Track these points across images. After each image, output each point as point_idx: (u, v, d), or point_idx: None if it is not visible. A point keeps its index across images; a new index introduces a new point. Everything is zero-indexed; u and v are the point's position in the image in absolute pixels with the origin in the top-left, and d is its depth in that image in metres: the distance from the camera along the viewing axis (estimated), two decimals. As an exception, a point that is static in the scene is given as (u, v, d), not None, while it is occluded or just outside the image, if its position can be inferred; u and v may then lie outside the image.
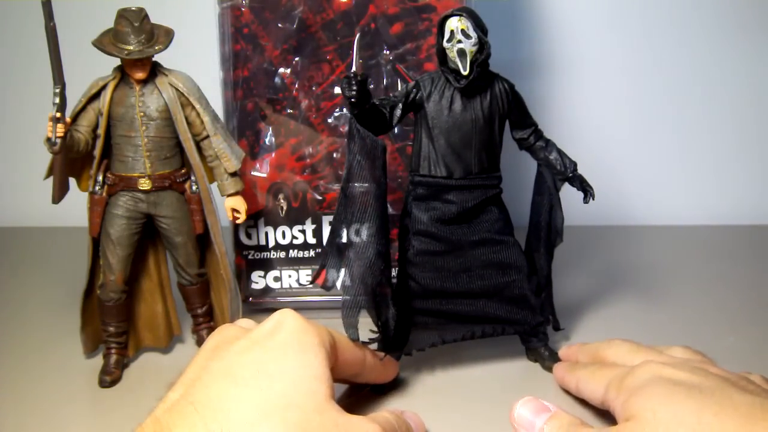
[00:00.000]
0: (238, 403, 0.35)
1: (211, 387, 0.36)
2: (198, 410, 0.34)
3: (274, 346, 0.39)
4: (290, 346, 0.40)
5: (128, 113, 0.65)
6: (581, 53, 1.09)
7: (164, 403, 0.37)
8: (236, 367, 0.37)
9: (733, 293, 0.87)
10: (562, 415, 0.47)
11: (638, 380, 0.44)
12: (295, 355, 0.39)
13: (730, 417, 0.38)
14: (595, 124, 1.11)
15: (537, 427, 0.47)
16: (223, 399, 0.35)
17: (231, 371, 0.37)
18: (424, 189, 0.65)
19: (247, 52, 0.76)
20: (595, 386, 0.50)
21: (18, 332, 0.78)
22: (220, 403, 0.35)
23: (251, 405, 0.35)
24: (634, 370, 0.46)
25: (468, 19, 0.61)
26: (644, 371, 0.45)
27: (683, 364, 0.45)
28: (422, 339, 0.66)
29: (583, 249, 0.99)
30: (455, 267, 0.65)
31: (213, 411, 0.34)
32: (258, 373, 0.37)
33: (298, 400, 0.36)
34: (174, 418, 0.35)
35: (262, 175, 0.79)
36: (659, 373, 0.43)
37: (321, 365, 0.40)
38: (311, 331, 0.42)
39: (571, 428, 0.45)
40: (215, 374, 0.37)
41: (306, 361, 0.39)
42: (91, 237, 0.68)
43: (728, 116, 1.12)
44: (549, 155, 0.68)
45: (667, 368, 0.44)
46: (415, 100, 0.64)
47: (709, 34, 1.09)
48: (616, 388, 0.45)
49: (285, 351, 0.39)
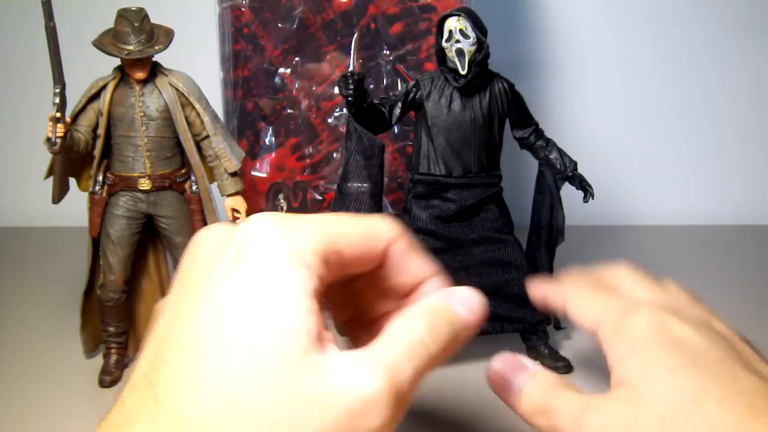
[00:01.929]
0: (195, 393, 0.28)
1: (172, 361, 0.29)
2: (158, 400, 0.28)
3: (229, 294, 0.29)
4: (249, 288, 0.29)
5: (128, 113, 0.65)
6: (581, 53, 1.09)
7: (134, 374, 0.30)
8: (193, 332, 0.29)
9: (733, 293, 0.87)
10: (543, 374, 0.39)
11: (639, 330, 0.37)
12: (255, 303, 0.29)
13: (732, 407, 0.33)
14: (595, 123, 1.11)
15: (515, 386, 0.39)
16: (182, 384, 0.29)
17: (189, 339, 0.29)
18: (424, 187, 0.65)
19: (247, 52, 0.76)
20: (587, 313, 0.41)
21: (18, 332, 0.78)
22: (178, 391, 0.28)
23: (208, 396, 0.28)
24: (635, 313, 0.38)
25: (466, 19, 0.61)
26: (646, 319, 0.38)
27: (688, 314, 0.39)
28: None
29: (583, 249, 0.99)
30: (454, 265, 0.66)
31: (172, 405, 0.28)
32: (213, 343, 0.29)
33: (261, 380, 0.28)
34: (139, 407, 0.29)
35: (262, 175, 0.79)
36: (662, 326, 0.37)
37: (294, 302, 0.29)
38: (281, 246, 0.29)
39: (552, 390, 0.38)
40: (176, 341, 0.29)
41: (269, 309, 0.28)
42: (91, 237, 0.68)
43: (729, 116, 1.12)
44: (549, 154, 0.68)
45: (671, 319, 0.38)
46: (415, 99, 0.64)
47: (709, 33, 1.09)
48: (612, 328, 0.39)
49: (242, 299, 0.29)
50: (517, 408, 0.39)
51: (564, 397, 0.37)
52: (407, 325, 0.30)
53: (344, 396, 0.27)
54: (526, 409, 0.38)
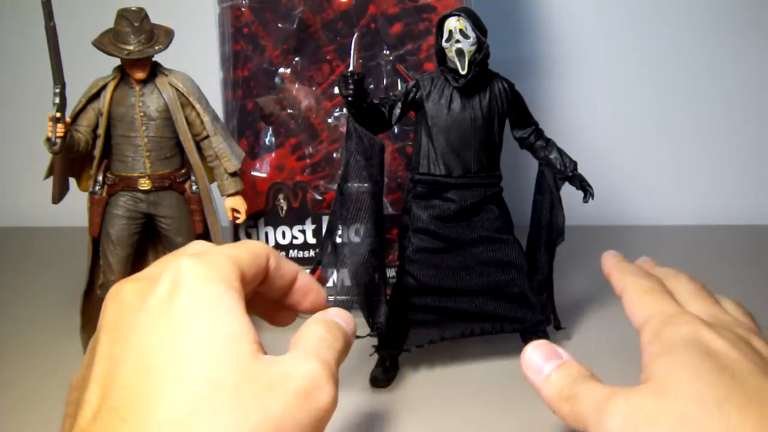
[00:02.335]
0: (162, 402, 0.31)
1: (129, 386, 0.32)
2: (125, 419, 0.30)
3: (177, 317, 0.33)
4: (195, 310, 0.33)
5: (128, 113, 0.65)
6: (581, 53, 1.09)
7: (85, 407, 0.32)
8: (146, 354, 0.32)
9: (733, 293, 0.86)
10: (573, 364, 0.43)
11: (675, 336, 0.40)
12: (203, 320, 0.33)
13: (751, 414, 0.35)
14: (595, 123, 1.11)
15: (545, 372, 0.43)
16: (145, 400, 0.31)
17: (143, 362, 0.32)
18: (424, 187, 0.65)
19: (247, 52, 0.76)
20: (638, 311, 0.45)
21: (18, 332, 0.78)
22: (143, 406, 0.31)
23: (177, 401, 0.31)
24: (677, 321, 0.41)
25: (466, 19, 0.61)
26: (685, 327, 0.40)
27: (728, 330, 0.42)
28: (421, 336, 0.66)
29: (583, 249, 0.99)
30: (454, 264, 0.66)
31: (139, 418, 0.30)
32: (171, 358, 0.32)
33: (224, 378, 0.32)
34: (105, 430, 0.30)
35: (262, 175, 0.79)
36: (699, 336, 0.40)
37: (235, 317, 0.34)
38: (212, 276, 0.35)
39: (580, 379, 0.41)
40: (129, 368, 0.32)
41: (217, 323, 0.33)
42: (91, 237, 0.68)
43: (729, 116, 1.12)
44: (549, 154, 0.68)
45: (710, 332, 0.40)
46: (415, 99, 0.64)
47: (707, 35, 1.09)
48: (652, 332, 0.42)
49: (191, 319, 0.33)
50: (543, 392, 0.42)
51: (590, 387, 0.39)
52: (310, 330, 0.37)
53: (296, 378, 0.33)
54: (552, 394, 0.41)
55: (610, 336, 0.74)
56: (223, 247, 0.38)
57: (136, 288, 0.36)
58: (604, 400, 0.37)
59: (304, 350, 0.35)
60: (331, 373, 0.34)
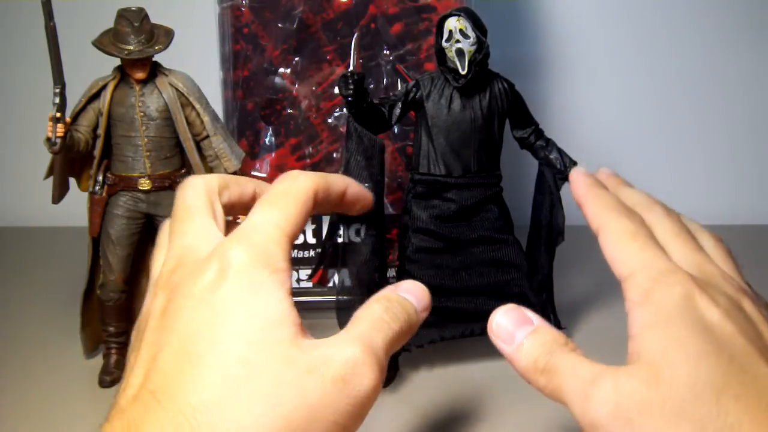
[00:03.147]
0: (198, 387, 0.31)
1: (168, 370, 0.32)
2: (161, 401, 0.30)
3: (219, 303, 0.33)
4: (236, 297, 0.33)
5: (128, 113, 0.65)
6: (581, 53, 1.09)
7: (126, 389, 0.33)
8: (188, 339, 0.32)
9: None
10: (546, 329, 0.40)
11: (668, 300, 0.37)
12: (244, 306, 0.33)
13: (749, 407, 0.33)
14: (595, 123, 1.11)
15: (516, 339, 0.40)
16: (182, 384, 0.31)
17: (183, 347, 0.32)
18: (424, 187, 0.65)
19: (247, 52, 0.76)
20: (621, 258, 0.40)
21: (18, 332, 0.78)
22: (179, 390, 0.31)
23: (212, 385, 0.31)
24: (668, 280, 0.37)
25: (466, 19, 0.61)
26: (678, 288, 0.37)
27: (720, 292, 0.38)
28: (421, 336, 0.66)
29: (583, 249, 0.99)
30: (454, 264, 0.66)
31: (175, 401, 0.30)
32: (211, 344, 0.32)
33: (260, 362, 0.31)
34: (140, 413, 0.30)
35: (262, 175, 0.79)
36: (693, 303, 0.36)
37: (275, 301, 0.33)
38: (256, 262, 0.34)
39: (554, 346, 0.38)
40: (170, 353, 0.32)
41: (257, 308, 0.33)
42: (91, 237, 0.68)
43: (729, 116, 1.12)
44: (549, 154, 0.68)
45: (703, 298, 0.37)
46: (415, 99, 0.64)
47: (707, 34, 1.09)
48: (641, 291, 0.38)
49: (232, 305, 0.33)
50: (516, 363, 0.39)
51: (568, 360, 0.37)
52: (367, 310, 0.36)
53: (335, 364, 0.32)
54: (526, 366, 0.38)
55: (610, 336, 0.74)
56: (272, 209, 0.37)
57: (185, 274, 0.36)
58: (589, 382, 0.34)
59: (350, 333, 0.34)
60: (376, 359, 0.33)
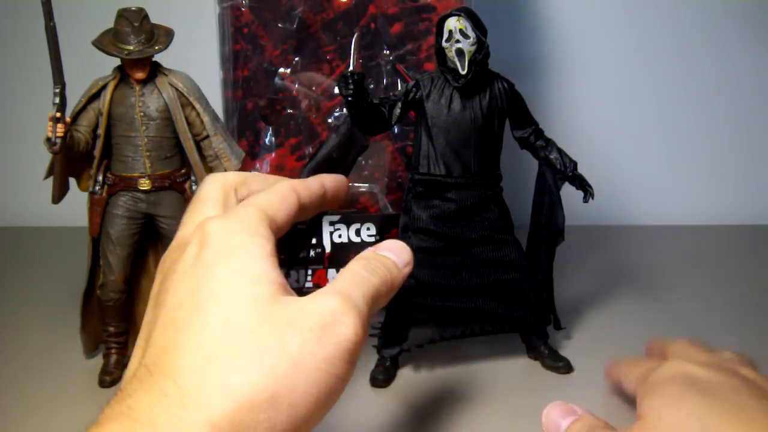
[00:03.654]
0: (182, 352, 0.32)
1: (158, 342, 0.33)
2: (152, 372, 0.32)
3: (200, 270, 0.35)
4: (216, 261, 0.35)
5: (128, 113, 0.65)
6: (581, 53, 1.09)
7: (127, 372, 0.35)
8: (172, 311, 0.34)
9: (733, 293, 0.87)
10: (587, 417, 0.45)
11: (660, 377, 0.43)
12: (223, 268, 0.34)
13: (731, 422, 0.37)
14: (595, 123, 1.11)
15: (562, 428, 0.45)
16: (169, 352, 0.32)
17: (169, 318, 0.34)
18: (424, 187, 0.65)
19: (247, 52, 0.76)
20: (630, 378, 0.47)
21: (18, 332, 0.78)
22: (167, 358, 0.32)
23: (195, 348, 0.32)
24: (662, 365, 0.44)
25: (466, 19, 0.61)
26: (670, 367, 0.43)
27: (712, 364, 0.43)
28: (421, 336, 0.66)
29: (583, 249, 0.99)
30: (454, 264, 0.66)
31: (162, 368, 0.32)
32: (192, 309, 0.33)
33: (241, 320, 0.32)
34: (133, 386, 0.32)
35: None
36: (682, 371, 0.42)
37: (255, 261, 0.35)
38: (234, 227, 0.36)
39: (592, 430, 0.44)
40: (160, 327, 0.34)
41: (235, 269, 0.34)
42: (91, 237, 0.68)
43: (729, 116, 1.12)
44: (549, 154, 0.68)
45: (693, 367, 0.42)
46: (415, 99, 0.64)
47: (708, 34, 1.09)
48: (642, 383, 0.44)
49: (213, 269, 0.34)
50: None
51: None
52: (346, 269, 0.37)
53: (313, 314, 0.33)
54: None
55: (610, 336, 0.74)
56: (254, 198, 0.39)
57: (173, 256, 0.37)
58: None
59: (328, 288, 0.35)
60: (354, 307, 0.34)
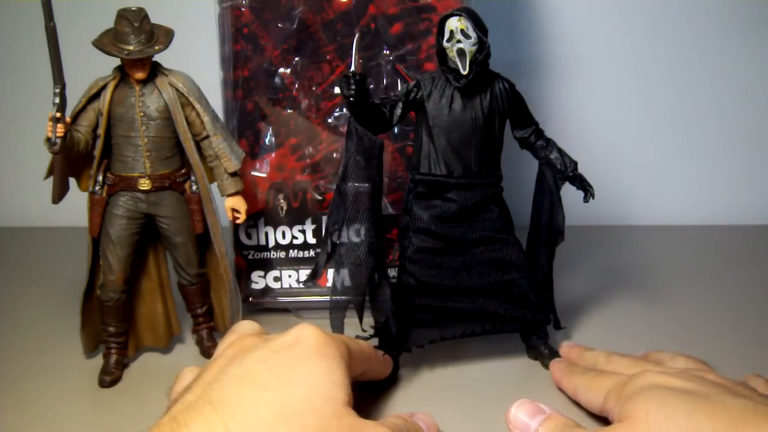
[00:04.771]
0: (256, 405, 0.36)
1: (230, 389, 0.37)
2: (216, 409, 0.36)
3: (293, 356, 0.41)
4: (310, 356, 0.41)
5: (128, 113, 0.65)
6: (582, 53, 1.09)
7: (181, 404, 0.38)
8: (255, 372, 0.39)
9: (733, 293, 0.87)
10: (557, 417, 0.48)
11: (635, 387, 0.45)
12: (315, 364, 0.41)
13: (721, 419, 0.40)
14: (595, 123, 1.11)
15: (532, 428, 0.48)
16: (242, 400, 0.36)
17: (250, 376, 0.38)
18: (425, 187, 0.65)
19: (247, 52, 0.76)
20: (594, 394, 0.51)
21: (18, 332, 0.78)
22: (238, 404, 0.36)
23: (269, 407, 0.36)
24: (633, 378, 0.47)
25: (467, 20, 0.61)
26: (642, 379, 0.46)
27: (681, 373, 0.46)
28: (422, 336, 0.66)
29: (583, 249, 0.99)
30: (455, 264, 0.66)
31: (232, 410, 0.35)
32: (277, 379, 0.38)
33: (315, 405, 0.38)
34: (192, 416, 0.37)
35: (262, 175, 0.79)
36: (656, 381, 0.44)
37: (340, 373, 0.41)
38: (331, 343, 0.44)
39: (565, 429, 0.46)
40: (234, 378, 0.38)
41: (325, 369, 0.41)
42: (91, 237, 0.68)
43: (729, 116, 1.12)
44: (549, 154, 0.68)
45: (664, 377, 0.45)
46: (416, 99, 0.64)
47: (711, 33, 1.09)
48: (615, 396, 0.47)
49: (305, 360, 0.41)
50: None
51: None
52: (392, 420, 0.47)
53: None
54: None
55: (610, 336, 0.74)
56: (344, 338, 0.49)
57: (258, 339, 0.44)
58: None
59: (383, 423, 0.44)
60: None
